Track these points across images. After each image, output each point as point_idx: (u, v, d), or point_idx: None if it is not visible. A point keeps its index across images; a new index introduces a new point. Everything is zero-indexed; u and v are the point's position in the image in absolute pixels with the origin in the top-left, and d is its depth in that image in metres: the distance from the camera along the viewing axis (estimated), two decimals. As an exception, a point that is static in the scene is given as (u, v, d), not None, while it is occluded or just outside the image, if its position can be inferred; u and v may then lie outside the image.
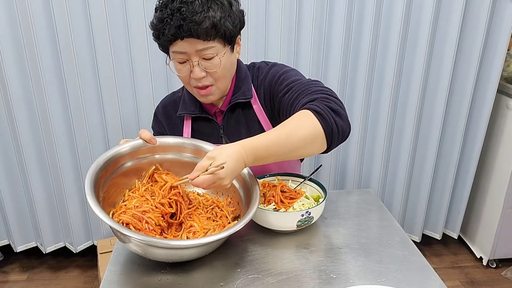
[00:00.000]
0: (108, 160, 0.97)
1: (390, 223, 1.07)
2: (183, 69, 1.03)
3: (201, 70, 1.01)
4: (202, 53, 0.99)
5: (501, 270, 2.04)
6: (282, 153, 0.89)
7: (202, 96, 1.07)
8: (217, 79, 1.04)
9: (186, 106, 1.17)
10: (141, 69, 1.69)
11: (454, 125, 1.91)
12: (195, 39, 0.97)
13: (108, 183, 0.97)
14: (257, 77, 1.15)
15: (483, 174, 2.06)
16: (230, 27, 0.99)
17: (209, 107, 1.17)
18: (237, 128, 1.15)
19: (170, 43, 0.99)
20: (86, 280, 1.99)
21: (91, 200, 0.84)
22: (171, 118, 1.21)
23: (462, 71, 1.81)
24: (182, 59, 1.01)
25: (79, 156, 1.82)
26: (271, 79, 1.10)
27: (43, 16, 1.57)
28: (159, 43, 1.03)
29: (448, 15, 1.70)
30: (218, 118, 1.17)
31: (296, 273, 0.87)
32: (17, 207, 1.91)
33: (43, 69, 1.63)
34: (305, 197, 1.04)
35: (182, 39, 0.97)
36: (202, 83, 1.03)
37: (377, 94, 1.86)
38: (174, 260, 0.89)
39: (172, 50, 1.01)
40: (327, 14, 1.70)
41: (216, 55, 1.00)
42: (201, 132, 1.18)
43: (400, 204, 2.06)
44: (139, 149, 1.02)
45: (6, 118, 1.73)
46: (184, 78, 1.05)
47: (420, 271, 0.88)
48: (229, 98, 1.13)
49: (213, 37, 0.98)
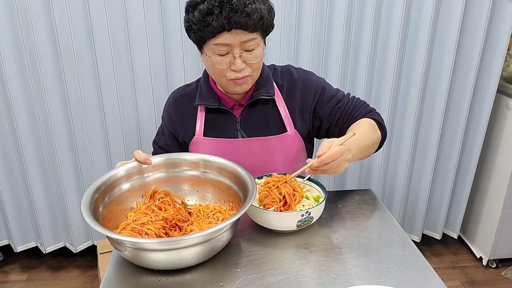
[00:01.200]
0: (104, 183, 0.98)
1: (390, 223, 1.07)
2: (223, 61, 1.04)
3: (242, 62, 1.04)
4: (245, 44, 1.02)
5: (501, 270, 2.04)
6: (363, 151, 1.07)
7: (237, 85, 1.09)
8: (254, 70, 1.08)
9: (203, 97, 1.18)
10: (141, 70, 1.69)
11: (454, 125, 1.91)
12: (241, 31, 0.99)
13: (107, 208, 0.97)
14: (279, 77, 1.21)
15: (483, 174, 2.06)
16: (271, 20, 1.06)
17: (227, 100, 1.18)
18: (255, 123, 1.18)
19: (214, 36, 1.00)
20: (86, 280, 1.99)
21: (84, 209, 0.86)
22: (183, 111, 1.22)
23: (462, 71, 1.81)
24: (225, 51, 1.02)
25: (79, 156, 1.82)
26: (310, 86, 1.18)
27: (43, 17, 1.56)
28: (200, 35, 1.02)
29: (448, 15, 1.70)
30: (236, 112, 1.19)
31: (296, 273, 0.87)
32: (17, 207, 1.91)
33: (43, 69, 1.63)
34: (305, 197, 1.04)
35: (229, 31, 0.99)
36: (242, 74, 1.06)
37: (377, 95, 1.86)
38: (172, 264, 0.86)
39: (215, 42, 1.01)
40: (327, 13, 1.70)
41: (258, 46, 1.05)
42: (215, 124, 1.19)
43: (400, 204, 2.06)
44: (134, 172, 1.05)
45: (6, 118, 1.73)
46: (222, 71, 1.06)
47: (420, 271, 0.88)
48: (250, 93, 1.17)
49: (258, 28, 1.02)
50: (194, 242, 0.82)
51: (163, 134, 1.29)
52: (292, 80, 1.20)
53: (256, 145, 1.18)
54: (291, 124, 1.18)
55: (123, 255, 0.88)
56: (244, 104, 1.17)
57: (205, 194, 1.10)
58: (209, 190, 1.09)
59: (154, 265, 0.86)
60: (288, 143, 1.19)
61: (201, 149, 1.19)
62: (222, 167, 1.07)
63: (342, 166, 0.98)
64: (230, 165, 1.05)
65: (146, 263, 0.85)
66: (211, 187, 1.09)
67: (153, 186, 1.06)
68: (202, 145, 1.20)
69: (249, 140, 1.18)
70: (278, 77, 1.21)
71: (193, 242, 0.82)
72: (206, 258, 0.89)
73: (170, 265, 0.86)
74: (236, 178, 1.03)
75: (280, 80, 1.21)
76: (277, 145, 1.19)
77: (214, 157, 1.08)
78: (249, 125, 1.18)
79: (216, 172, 1.08)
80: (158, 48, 1.68)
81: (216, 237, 0.85)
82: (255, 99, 1.15)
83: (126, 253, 0.85)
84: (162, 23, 1.64)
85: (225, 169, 1.06)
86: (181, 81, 1.72)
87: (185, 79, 1.72)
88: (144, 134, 1.82)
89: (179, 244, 0.82)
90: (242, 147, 1.18)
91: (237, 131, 1.18)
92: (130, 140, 1.82)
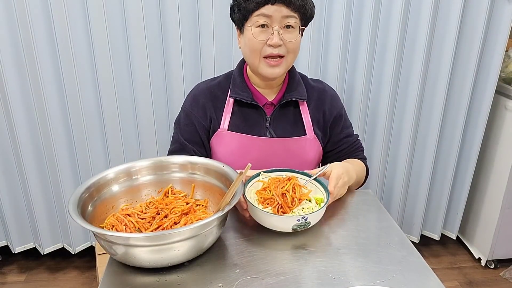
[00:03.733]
0: (93, 184, 0.97)
1: (388, 223, 1.07)
2: (261, 34, 1.09)
3: (280, 39, 1.09)
4: (286, 20, 1.08)
5: (500, 271, 2.04)
6: (353, 181, 1.17)
7: (270, 67, 1.12)
8: (290, 52, 1.12)
9: (238, 91, 1.20)
10: (140, 71, 1.69)
11: (453, 126, 1.91)
12: (284, 6, 1.07)
13: (96, 208, 0.96)
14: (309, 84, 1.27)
15: (481, 175, 2.06)
16: (312, 8, 1.14)
17: (260, 97, 1.22)
18: (283, 124, 1.22)
19: (258, 7, 1.07)
20: (84, 281, 1.98)
21: (72, 206, 0.86)
22: (216, 100, 1.23)
23: (460, 72, 1.81)
24: (264, 22, 1.08)
25: (77, 157, 1.81)
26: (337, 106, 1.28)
27: (42, 19, 1.56)
28: (245, 7, 1.09)
29: (446, 16, 1.71)
30: (267, 110, 1.22)
31: (295, 274, 0.87)
32: (15, 208, 1.90)
33: (42, 71, 1.63)
34: (307, 200, 1.02)
35: (273, 4, 1.06)
36: (277, 51, 1.10)
37: (375, 96, 1.86)
38: (163, 260, 0.84)
39: (257, 13, 1.08)
40: (326, 13, 1.70)
41: (296, 26, 1.11)
42: (246, 119, 1.22)
43: (399, 205, 2.06)
44: (122, 174, 1.04)
45: (4, 119, 1.73)
46: (258, 44, 1.10)
47: (419, 272, 0.88)
48: (282, 94, 1.22)
49: (300, 9, 1.09)
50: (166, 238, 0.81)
51: (188, 126, 1.23)
52: (324, 93, 1.27)
53: (280, 145, 1.21)
54: (311, 129, 1.24)
55: (111, 255, 0.88)
56: (276, 103, 1.22)
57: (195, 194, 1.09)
58: (199, 191, 1.08)
59: (139, 261, 0.84)
60: (307, 147, 1.23)
61: (225, 143, 1.21)
62: (208, 167, 1.05)
63: (343, 188, 1.09)
64: (217, 166, 1.04)
65: (128, 259, 0.84)
66: (200, 188, 1.07)
67: (170, 184, 1.06)
68: (226, 139, 1.21)
69: (274, 140, 1.21)
70: (308, 84, 1.27)
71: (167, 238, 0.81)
72: (192, 254, 0.87)
73: (155, 259, 0.83)
74: (222, 178, 1.02)
75: (311, 87, 1.26)
76: (298, 147, 1.22)
77: (201, 159, 1.07)
78: (278, 124, 1.22)
79: (204, 173, 1.06)
80: (157, 48, 1.67)
81: (203, 232, 0.84)
82: (288, 100, 1.20)
83: (107, 248, 0.85)
84: (161, 23, 1.64)
85: (212, 169, 1.05)
86: (180, 81, 1.72)
87: (184, 79, 1.72)
88: (143, 137, 1.82)
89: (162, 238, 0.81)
90: (266, 145, 1.21)
91: (266, 129, 1.21)
92: (129, 142, 1.82)
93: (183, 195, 1.05)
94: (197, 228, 0.82)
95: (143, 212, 0.96)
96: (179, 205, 0.98)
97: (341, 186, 1.07)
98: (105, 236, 0.82)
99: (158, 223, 0.93)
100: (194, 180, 1.07)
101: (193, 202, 1.01)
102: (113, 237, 0.82)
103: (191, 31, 1.67)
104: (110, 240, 0.82)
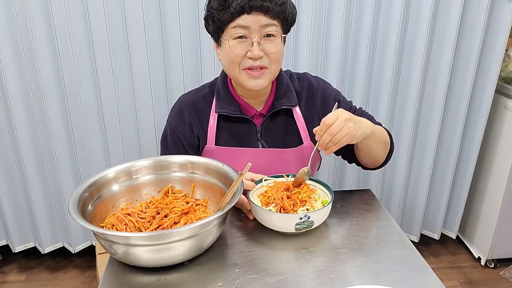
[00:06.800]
0: (93, 183, 0.97)
1: (388, 223, 1.07)
2: (239, 47, 1.01)
3: (260, 50, 1.01)
4: (265, 29, 1.00)
5: (499, 270, 2.04)
6: (375, 141, 1.06)
7: (253, 79, 1.04)
8: (272, 62, 1.04)
9: (223, 104, 1.12)
10: (140, 70, 1.69)
11: (452, 125, 1.91)
12: (262, 14, 0.98)
13: (96, 207, 0.96)
14: (296, 83, 1.18)
15: (481, 174, 2.06)
16: (293, 12, 1.04)
17: (249, 108, 1.14)
18: (274, 133, 1.15)
19: (234, 17, 0.99)
20: (84, 281, 1.98)
21: (72, 205, 0.86)
22: (201, 116, 1.16)
23: (460, 72, 1.81)
24: (242, 34, 1.00)
25: (77, 156, 1.81)
26: (330, 95, 1.18)
27: (42, 17, 1.56)
28: (219, 19, 1.01)
29: (446, 15, 1.70)
30: (256, 121, 1.15)
31: (295, 273, 0.87)
32: (15, 207, 1.90)
33: (42, 70, 1.63)
34: (313, 200, 1.02)
35: (250, 13, 0.98)
36: (258, 63, 1.02)
37: (375, 95, 1.86)
38: (163, 259, 0.85)
39: (233, 25, 1.00)
40: (326, 12, 1.70)
41: (278, 34, 1.02)
42: (234, 133, 1.15)
43: (399, 204, 2.06)
44: (122, 173, 1.04)
45: (5, 119, 1.73)
46: (237, 58, 1.02)
47: (419, 271, 0.89)
48: (271, 102, 1.14)
49: (279, 15, 1.00)
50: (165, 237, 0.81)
51: (176, 143, 1.19)
52: (312, 89, 1.18)
53: (273, 155, 1.15)
54: (307, 135, 1.17)
55: (110, 254, 0.88)
56: (265, 113, 1.15)
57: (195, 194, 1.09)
58: (199, 191, 1.08)
59: (139, 260, 0.84)
60: (304, 155, 1.17)
61: (215, 158, 1.11)
62: (208, 167, 1.05)
63: (346, 127, 0.95)
64: (218, 165, 1.03)
65: (125, 258, 0.85)
66: (200, 188, 1.08)
67: (170, 184, 1.06)
68: (216, 154, 1.14)
69: (266, 151, 1.15)
70: (295, 83, 1.18)
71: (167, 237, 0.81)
72: (192, 254, 0.87)
73: (155, 258, 0.83)
74: (223, 177, 1.02)
75: (298, 87, 1.18)
76: (294, 157, 1.17)
77: (201, 158, 1.07)
78: (270, 135, 1.15)
79: (204, 172, 1.06)
80: (157, 48, 1.67)
81: (203, 231, 0.84)
82: (278, 109, 1.13)
83: (107, 247, 0.85)
84: (161, 23, 1.64)
85: (212, 169, 1.05)
86: (180, 81, 1.72)
87: (184, 79, 1.72)
88: (143, 137, 1.82)
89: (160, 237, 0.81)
90: (258, 156, 1.15)
91: (257, 141, 1.16)
92: (129, 142, 1.82)
93: (183, 195, 1.05)
94: (197, 228, 0.82)
95: (143, 211, 0.97)
96: (179, 205, 0.98)
97: (342, 120, 0.94)
98: (105, 236, 0.82)
99: (158, 222, 0.93)
100: (194, 179, 1.07)
101: (193, 202, 1.01)
102: (113, 237, 0.82)
103: (191, 30, 1.66)
104: (110, 240, 0.82)
